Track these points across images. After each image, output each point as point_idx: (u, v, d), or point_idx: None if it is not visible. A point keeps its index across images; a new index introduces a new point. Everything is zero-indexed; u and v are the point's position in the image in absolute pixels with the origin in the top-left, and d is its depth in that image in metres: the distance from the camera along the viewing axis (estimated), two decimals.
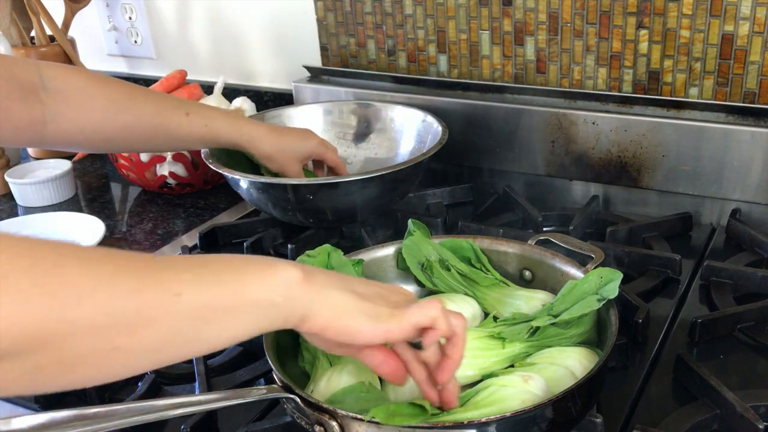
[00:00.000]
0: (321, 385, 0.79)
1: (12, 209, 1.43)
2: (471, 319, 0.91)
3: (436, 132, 1.25)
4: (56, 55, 1.65)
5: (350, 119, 1.39)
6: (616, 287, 0.83)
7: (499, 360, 0.83)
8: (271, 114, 1.36)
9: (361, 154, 1.37)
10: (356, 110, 1.39)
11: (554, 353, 0.82)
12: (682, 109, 1.21)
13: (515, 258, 0.97)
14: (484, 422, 0.69)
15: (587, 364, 0.80)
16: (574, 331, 0.85)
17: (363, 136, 1.38)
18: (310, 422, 0.72)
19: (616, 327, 0.79)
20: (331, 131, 1.38)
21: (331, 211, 1.15)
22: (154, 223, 1.36)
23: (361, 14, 1.44)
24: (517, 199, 1.28)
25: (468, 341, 0.83)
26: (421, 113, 1.31)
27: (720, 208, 1.21)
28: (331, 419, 0.70)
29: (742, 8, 1.14)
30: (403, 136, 1.34)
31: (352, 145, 1.38)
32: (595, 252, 0.93)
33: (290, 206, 1.13)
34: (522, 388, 0.75)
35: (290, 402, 0.74)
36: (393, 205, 1.23)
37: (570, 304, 0.85)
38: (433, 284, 0.96)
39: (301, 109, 1.39)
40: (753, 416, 0.76)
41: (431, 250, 0.97)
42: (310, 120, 1.37)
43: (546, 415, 0.71)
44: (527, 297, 0.92)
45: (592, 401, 0.77)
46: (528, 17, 1.30)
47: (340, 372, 0.80)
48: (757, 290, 1.02)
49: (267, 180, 1.14)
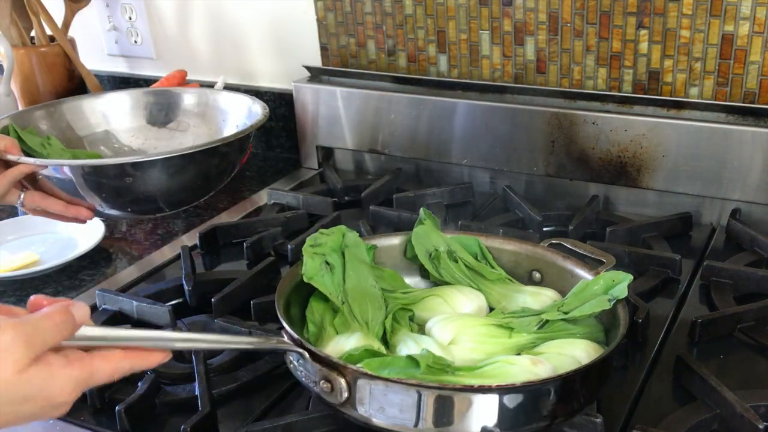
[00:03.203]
0: (328, 348, 0.80)
1: (12, 209, 1.42)
2: (477, 311, 0.92)
3: (257, 114, 1.18)
4: (56, 55, 1.65)
5: (159, 108, 1.32)
6: (626, 288, 0.83)
7: (505, 348, 0.83)
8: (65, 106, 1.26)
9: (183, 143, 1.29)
10: (168, 98, 1.31)
11: (562, 344, 0.83)
12: (682, 109, 1.21)
13: (526, 259, 0.98)
14: (493, 388, 0.69)
15: (594, 355, 0.80)
16: (580, 329, 0.85)
17: (179, 124, 1.31)
18: (317, 379, 0.72)
19: (626, 321, 0.80)
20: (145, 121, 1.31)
21: (156, 194, 1.08)
22: (154, 223, 1.36)
23: (361, 14, 1.44)
24: (517, 199, 1.28)
25: (476, 327, 0.83)
26: (246, 98, 1.25)
27: (720, 208, 1.21)
28: (339, 376, 0.70)
29: (742, 8, 1.14)
30: (227, 123, 1.27)
31: (170, 135, 1.30)
32: (606, 257, 0.94)
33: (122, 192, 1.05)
34: (529, 369, 0.75)
35: (297, 357, 0.74)
36: (220, 185, 1.17)
37: (581, 302, 0.86)
38: (440, 274, 0.97)
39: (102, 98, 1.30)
40: (753, 416, 0.76)
41: (440, 241, 0.98)
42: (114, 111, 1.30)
43: (551, 394, 0.71)
44: (534, 293, 0.93)
45: (596, 392, 0.77)
46: (528, 17, 1.30)
47: (348, 337, 0.81)
48: (757, 290, 1.02)
49: (99, 162, 1.06)
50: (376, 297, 0.89)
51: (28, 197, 1.03)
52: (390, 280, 0.96)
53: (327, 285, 0.88)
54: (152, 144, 1.30)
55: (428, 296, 0.93)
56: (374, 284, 0.91)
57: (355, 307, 0.87)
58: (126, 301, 1.04)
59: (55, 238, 1.29)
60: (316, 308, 0.88)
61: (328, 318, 0.87)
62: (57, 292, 1.15)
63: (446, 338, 0.83)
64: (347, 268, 0.91)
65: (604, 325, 0.86)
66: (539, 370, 0.75)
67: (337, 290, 0.88)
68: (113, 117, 1.30)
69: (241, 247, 1.19)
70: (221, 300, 1.03)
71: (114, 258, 1.25)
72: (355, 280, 0.90)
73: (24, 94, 1.65)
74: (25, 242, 1.29)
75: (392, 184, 1.40)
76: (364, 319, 0.86)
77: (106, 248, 1.27)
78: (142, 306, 1.03)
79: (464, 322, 0.85)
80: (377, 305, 0.88)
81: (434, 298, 0.92)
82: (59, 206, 1.04)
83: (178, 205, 1.17)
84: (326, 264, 0.90)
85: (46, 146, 1.15)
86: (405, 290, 0.95)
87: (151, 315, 1.02)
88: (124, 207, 1.10)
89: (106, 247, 1.28)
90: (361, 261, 0.93)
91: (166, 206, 1.13)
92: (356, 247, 0.93)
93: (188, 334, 0.72)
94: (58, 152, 1.16)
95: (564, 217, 1.23)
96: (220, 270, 1.18)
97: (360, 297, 0.88)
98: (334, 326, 0.85)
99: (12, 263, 1.20)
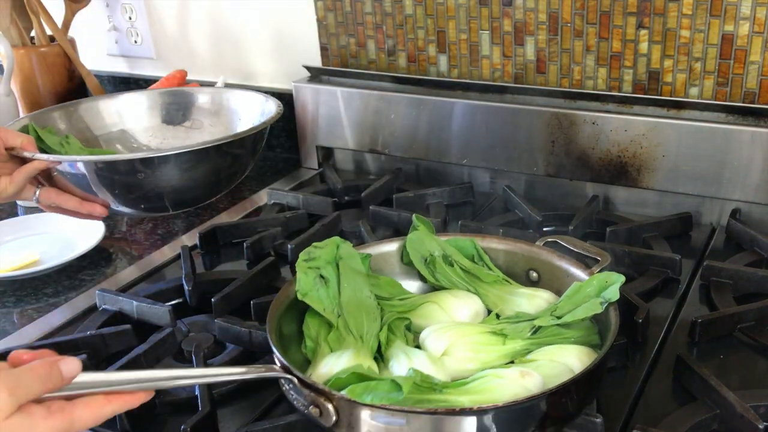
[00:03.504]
0: (320, 369, 0.80)
1: (12, 209, 1.43)
2: (474, 315, 0.92)
3: (270, 112, 1.18)
4: (56, 55, 1.65)
5: (176, 107, 1.33)
6: (617, 290, 0.83)
7: (499, 356, 0.83)
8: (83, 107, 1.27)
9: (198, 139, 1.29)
10: (183, 97, 1.33)
11: (554, 351, 0.83)
12: (682, 109, 1.21)
13: (522, 258, 0.98)
14: (474, 410, 0.69)
15: (587, 361, 0.80)
16: (574, 332, 0.85)
17: (193, 122, 1.32)
18: (306, 404, 0.73)
19: (616, 326, 0.80)
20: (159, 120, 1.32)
21: (165, 191, 1.07)
22: (154, 223, 1.36)
23: (361, 14, 1.44)
24: (517, 199, 1.28)
25: (470, 336, 0.84)
26: (260, 96, 1.25)
27: (720, 208, 1.21)
28: (327, 401, 0.71)
29: (742, 8, 1.14)
30: (241, 121, 1.28)
31: (184, 133, 1.32)
32: (601, 255, 0.94)
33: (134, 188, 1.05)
34: (517, 383, 0.75)
35: (288, 383, 0.75)
36: (232, 185, 1.17)
37: (574, 306, 0.86)
38: (436, 279, 0.97)
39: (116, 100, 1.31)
40: (753, 416, 0.76)
41: (435, 246, 0.98)
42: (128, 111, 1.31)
43: (539, 409, 0.71)
44: (529, 295, 0.93)
45: (589, 398, 0.77)
46: (528, 17, 1.30)
47: (339, 356, 0.81)
48: (757, 290, 1.02)
49: (112, 158, 1.06)
50: (371, 308, 0.89)
51: (43, 193, 1.04)
52: (387, 288, 0.96)
53: (322, 300, 0.88)
54: (169, 143, 1.31)
55: (424, 303, 0.93)
56: (369, 295, 0.91)
57: (350, 320, 0.87)
58: (126, 301, 1.04)
59: (55, 238, 1.29)
60: (312, 323, 0.88)
61: (323, 333, 0.87)
62: (57, 292, 1.15)
63: (440, 349, 0.83)
64: (342, 281, 0.91)
65: (599, 327, 0.86)
66: (527, 382, 0.75)
67: (332, 304, 0.88)
68: (130, 117, 1.31)
69: (241, 247, 1.19)
70: (221, 300, 1.03)
71: (114, 258, 1.25)
72: (350, 292, 0.90)
73: (24, 94, 1.65)
74: (25, 242, 1.29)
75: (392, 184, 1.40)
76: (359, 332, 0.86)
77: (106, 248, 1.27)
78: (142, 306, 1.03)
79: (458, 331, 0.85)
80: (372, 317, 0.88)
81: (430, 305, 0.92)
82: (74, 203, 1.05)
83: (190, 203, 1.17)
84: (321, 277, 0.90)
85: (65, 145, 1.16)
86: (402, 297, 0.95)
87: (151, 315, 1.02)
88: (136, 204, 1.10)
89: (106, 247, 1.28)
90: (357, 272, 0.93)
91: (178, 204, 1.14)
92: (351, 258, 0.93)
93: (174, 372, 0.71)
94: (76, 150, 1.17)
95: (564, 217, 1.23)
96: (220, 270, 1.18)
97: (355, 309, 0.88)
98: (329, 342, 0.85)
99: (12, 263, 1.20)
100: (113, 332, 0.98)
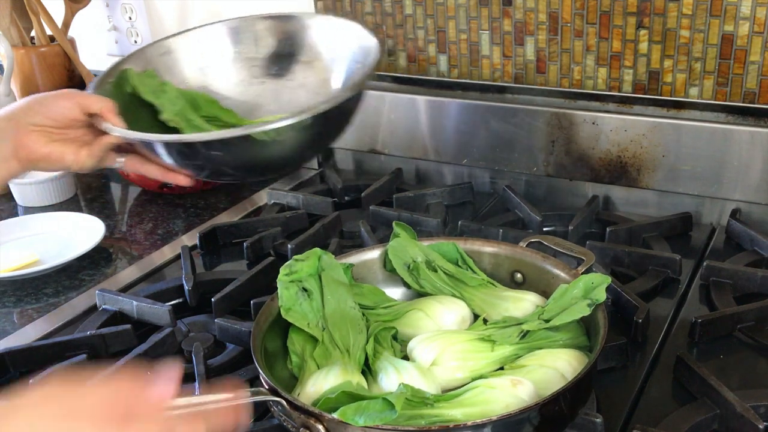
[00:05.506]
0: (308, 388, 0.79)
1: (12, 209, 1.43)
2: (460, 321, 0.91)
3: (367, 48, 1.00)
4: (56, 55, 1.65)
5: (261, 45, 1.15)
6: (603, 291, 0.83)
7: (489, 362, 0.83)
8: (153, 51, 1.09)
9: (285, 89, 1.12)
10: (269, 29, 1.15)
11: (544, 355, 0.82)
12: (682, 109, 1.21)
13: (506, 260, 0.97)
14: (470, 426, 0.69)
15: (577, 366, 0.80)
16: (562, 335, 0.85)
17: (281, 65, 1.12)
18: (297, 425, 0.72)
19: (605, 330, 0.79)
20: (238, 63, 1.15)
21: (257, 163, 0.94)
22: (154, 223, 1.36)
23: (361, 14, 1.44)
24: (517, 199, 1.28)
25: (458, 344, 0.83)
26: (356, 26, 1.07)
27: (720, 208, 1.21)
28: (316, 422, 0.70)
29: (742, 8, 1.14)
30: (335, 63, 1.08)
31: (269, 80, 1.12)
32: (586, 255, 0.93)
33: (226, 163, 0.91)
34: (509, 392, 0.75)
35: (277, 405, 0.74)
36: (330, 143, 1.06)
37: (561, 308, 0.85)
38: (420, 286, 0.96)
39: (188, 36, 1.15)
40: (753, 416, 0.76)
41: (417, 252, 0.97)
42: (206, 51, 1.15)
43: (532, 419, 0.71)
44: (515, 298, 0.92)
45: (582, 402, 0.77)
46: (528, 17, 1.30)
47: (327, 374, 0.79)
48: (757, 290, 1.02)
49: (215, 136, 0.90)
50: (356, 320, 0.88)
51: (128, 162, 1.00)
52: (371, 296, 0.95)
53: (306, 314, 0.87)
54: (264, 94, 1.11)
55: (410, 310, 0.91)
56: (354, 306, 0.90)
57: (335, 333, 0.86)
58: (126, 301, 1.04)
59: (55, 238, 1.29)
60: (297, 339, 0.87)
61: (309, 349, 0.85)
62: (57, 292, 1.15)
63: (428, 360, 0.82)
64: (325, 292, 0.89)
65: (587, 327, 0.86)
66: (519, 392, 0.75)
67: (316, 317, 0.87)
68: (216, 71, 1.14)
69: (241, 247, 1.19)
70: (221, 300, 1.03)
71: (114, 258, 1.25)
72: (334, 304, 0.89)
73: (24, 94, 1.65)
74: (25, 242, 1.29)
75: (392, 184, 1.40)
76: (345, 345, 0.85)
77: (106, 248, 1.27)
78: (142, 306, 1.03)
79: (446, 339, 0.84)
80: (358, 328, 0.87)
81: (416, 312, 0.91)
82: (158, 172, 1.00)
83: (281, 170, 1.10)
84: (304, 290, 0.89)
85: (160, 95, 1.04)
86: (387, 305, 0.94)
87: (151, 315, 1.02)
88: (218, 177, 1.03)
89: (106, 247, 1.28)
90: (340, 283, 0.91)
91: (266, 173, 1.08)
92: (332, 268, 0.92)
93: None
94: (171, 100, 1.04)
95: (564, 217, 1.23)
96: (220, 270, 1.18)
97: (340, 322, 0.87)
98: (315, 358, 0.84)
99: (12, 263, 1.20)
100: (113, 332, 0.98)
